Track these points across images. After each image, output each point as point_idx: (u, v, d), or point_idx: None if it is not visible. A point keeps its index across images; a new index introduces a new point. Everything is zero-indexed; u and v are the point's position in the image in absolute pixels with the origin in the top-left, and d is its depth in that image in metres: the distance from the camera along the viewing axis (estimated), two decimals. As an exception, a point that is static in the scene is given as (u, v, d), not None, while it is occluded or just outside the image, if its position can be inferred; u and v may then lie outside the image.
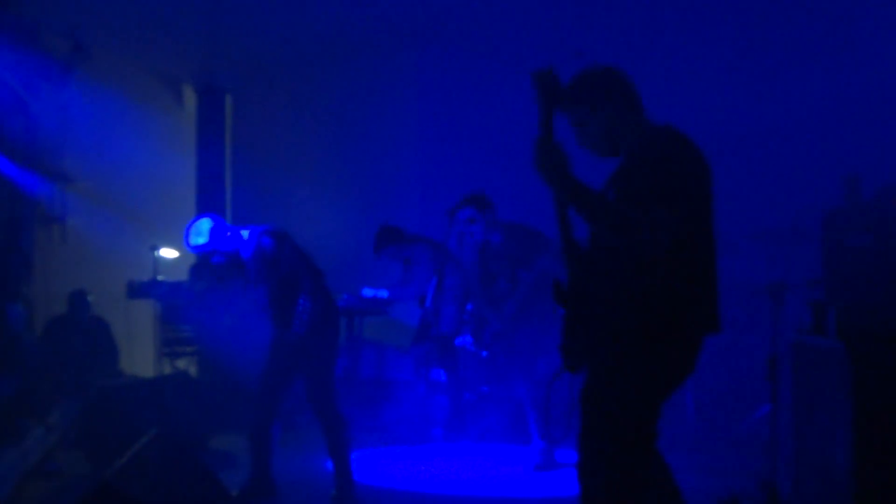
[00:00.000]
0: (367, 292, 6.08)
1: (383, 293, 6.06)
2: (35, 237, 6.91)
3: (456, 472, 4.88)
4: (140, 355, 7.16)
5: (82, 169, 7.35)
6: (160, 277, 6.82)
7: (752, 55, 6.48)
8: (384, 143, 7.90)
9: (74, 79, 6.62)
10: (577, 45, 6.14)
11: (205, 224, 4.14)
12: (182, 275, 6.98)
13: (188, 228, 4.17)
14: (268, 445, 4.19)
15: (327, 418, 4.09)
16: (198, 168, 8.53)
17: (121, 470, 2.94)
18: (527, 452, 4.98)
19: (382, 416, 6.15)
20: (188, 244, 4.18)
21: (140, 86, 7.89)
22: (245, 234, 4.18)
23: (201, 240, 4.10)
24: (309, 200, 7.94)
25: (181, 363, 6.94)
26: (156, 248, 6.89)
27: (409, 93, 7.85)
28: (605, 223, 2.30)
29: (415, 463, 5.11)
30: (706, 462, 4.81)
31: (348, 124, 8.07)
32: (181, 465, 3.36)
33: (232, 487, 3.96)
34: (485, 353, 5.94)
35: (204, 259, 4.22)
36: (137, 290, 6.77)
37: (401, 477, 4.78)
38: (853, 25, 6.06)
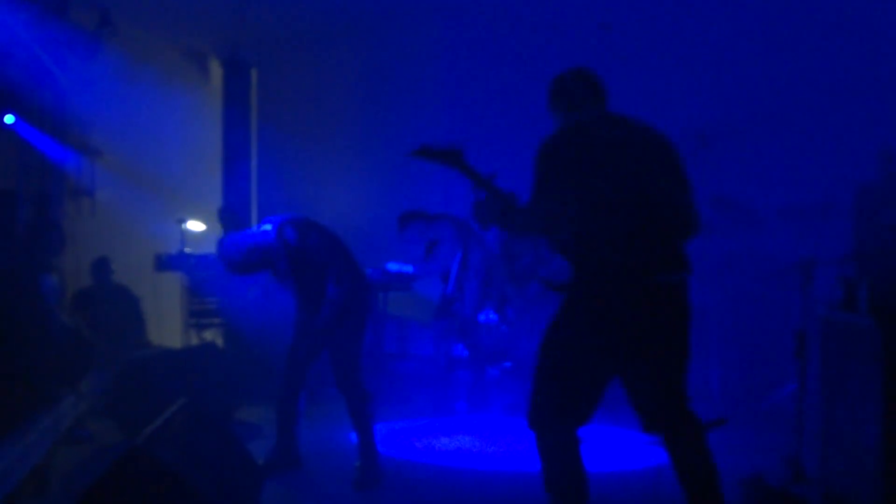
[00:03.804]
0: (392, 267, 6.09)
1: (408, 268, 6.08)
2: (65, 210, 7.01)
3: (479, 446, 4.90)
4: (168, 327, 7.26)
5: (111, 142, 7.42)
6: (187, 250, 6.89)
7: (782, 25, 6.34)
8: (410, 117, 7.87)
9: (102, 52, 6.66)
10: (604, 13, 6.05)
11: (230, 246, 4.19)
12: (209, 247, 7.05)
13: (223, 256, 4.22)
14: (293, 417, 4.25)
15: (352, 392, 4.12)
16: (224, 142, 8.58)
17: (150, 436, 2.99)
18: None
19: (405, 391, 6.19)
20: (230, 271, 4.24)
21: (167, 60, 7.93)
22: (268, 227, 4.20)
23: (237, 260, 4.16)
24: (334, 174, 7.96)
25: (208, 335, 7.03)
26: (183, 221, 6.96)
27: (435, 65, 7.80)
28: (533, 232, 3.00)
29: (438, 436, 5.15)
30: (731, 439, 4.77)
31: (374, 98, 8.05)
32: (209, 433, 3.40)
33: (258, 458, 4.01)
34: (505, 329, 5.95)
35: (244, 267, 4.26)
36: (165, 263, 6.85)
37: (424, 450, 4.81)
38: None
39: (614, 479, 4.10)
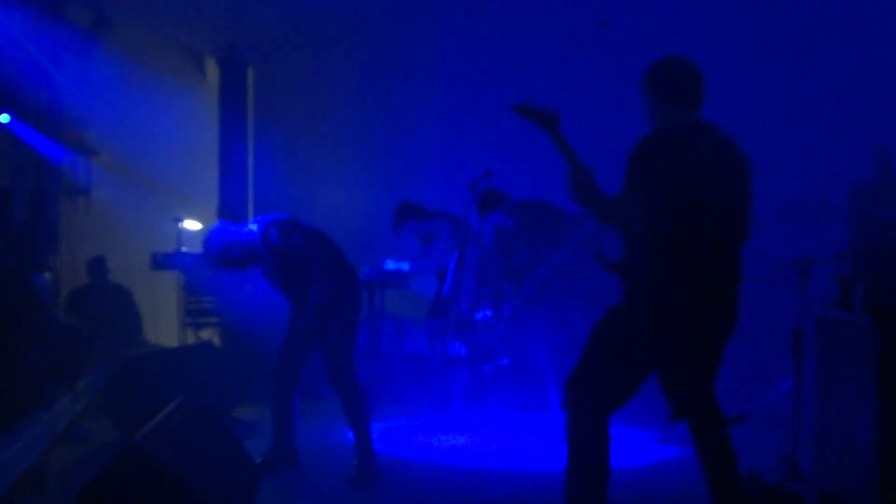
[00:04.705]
0: (390, 265, 6.09)
1: (405, 266, 6.07)
2: (60, 209, 6.99)
3: (476, 443, 4.91)
4: (164, 325, 7.25)
5: (107, 141, 7.41)
6: (184, 249, 6.88)
7: (778, 26, 6.36)
8: (406, 115, 7.88)
9: (98, 51, 6.64)
10: (602, 13, 6.04)
11: (213, 236, 4.16)
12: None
13: (204, 245, 4.20)
14: (289, 415, 4.25)
15: (346, 390, 4.13)
16: (220, 141, 8.56)
17: (148, 435, 2.99)
18: (547, 424, 4.99)
19: (402, 389, 6.19)
20: (209, 262, 4.21)
21: (163, 58, 7.90)
22: (254, 227, 4.20)
23: (216, 251, 4.13)
24: (330, 172, 7.95)
25: (204, 333, 7.02)
26: (179, 219, 6.95)
27: (431, 64, 7.81)
28: (615, 223, 2.82)
29: (435, 434, 5.15)
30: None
31: (370, 96, 8.05)
32: (207, 431, 3.40)
33: (255, 456, 4.01)
34: (501, 326, 5.95)
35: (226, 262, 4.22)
36: (161, 262, 6.84)
37: (421, 447, 4.82)
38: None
39: (616, 476, 4.10)
